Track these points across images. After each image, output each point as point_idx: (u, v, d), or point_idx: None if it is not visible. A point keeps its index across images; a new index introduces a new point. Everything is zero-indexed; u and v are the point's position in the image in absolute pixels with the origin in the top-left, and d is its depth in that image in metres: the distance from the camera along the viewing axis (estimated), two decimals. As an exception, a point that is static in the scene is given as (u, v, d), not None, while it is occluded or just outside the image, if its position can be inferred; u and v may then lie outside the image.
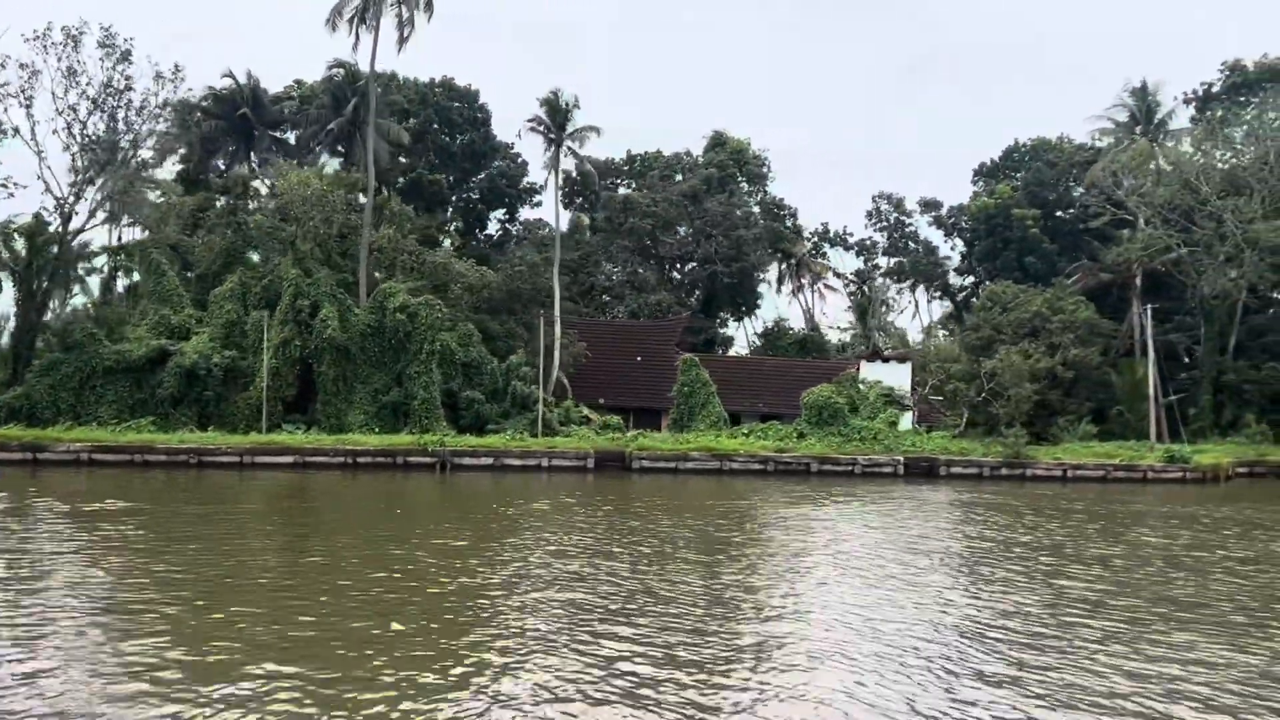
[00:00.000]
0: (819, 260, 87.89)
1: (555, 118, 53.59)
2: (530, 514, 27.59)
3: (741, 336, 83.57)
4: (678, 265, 71.48)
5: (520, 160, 78.59)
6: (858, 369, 56.40)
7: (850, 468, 44.67)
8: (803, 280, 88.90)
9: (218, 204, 52.91)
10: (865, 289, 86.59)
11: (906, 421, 52.15)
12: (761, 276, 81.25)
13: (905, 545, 22.82)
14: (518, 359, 48.25)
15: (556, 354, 51.51)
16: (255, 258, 53.08)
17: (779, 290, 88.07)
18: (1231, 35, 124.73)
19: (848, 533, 24.99)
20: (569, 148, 54.55)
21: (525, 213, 78.50)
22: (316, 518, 27.09)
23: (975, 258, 72.47)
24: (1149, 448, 49.11)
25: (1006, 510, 31.51)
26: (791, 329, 77.24)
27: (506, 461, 42.37)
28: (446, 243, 68.49)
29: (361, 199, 51.65)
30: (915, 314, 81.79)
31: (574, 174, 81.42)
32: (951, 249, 77.17)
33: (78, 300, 56.29)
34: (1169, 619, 15.56)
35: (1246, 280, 56.89)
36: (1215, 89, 64.81)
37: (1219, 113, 62.16)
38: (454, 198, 73.40)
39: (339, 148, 64.01)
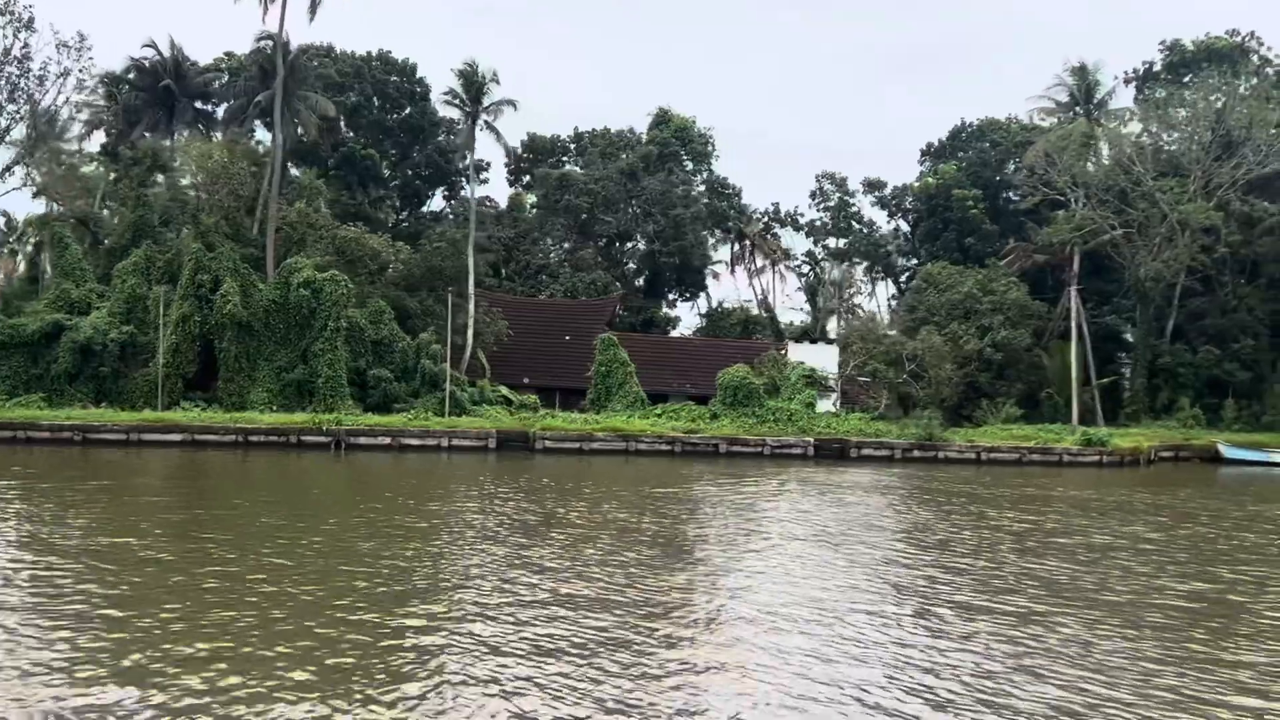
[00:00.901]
0: (771, 241, 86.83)
1: (470, 90, 52.28)
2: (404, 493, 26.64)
3: (694, 318, 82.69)
4: (616, 244, 70.33)
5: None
6: (785, 350, 55.62)
7: (760, 449, 43.88)
8: (756, 261, 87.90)
9: (128, 176, 51.44)
10: (817, 270, 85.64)
11: (831, 404, 51.38)
12: (710, 257, 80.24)
13: (740, 511, 21.94)
14: (427, 337, 47.18)
15: (470, 332, 50.46)
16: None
17: (733, 271, 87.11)
18: (1173, 13, 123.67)
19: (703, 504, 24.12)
20: (485, 122, 53.24)
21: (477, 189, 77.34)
22: (159, 496, 26.06)
23: (918, 239, 71.59)
24: (1070, 431, 48.37)
25: (886, 492, 30.69)
26: (735, 310, 76.09)
27: (405, 441, 41.40)
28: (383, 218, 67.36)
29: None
30: (870, 295, 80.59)
31: (520, 150, 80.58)
32: (896, 230, 76.15)
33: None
34: (968, 607, 14.60)
35: (1180, 263, 56.09)
36: (1155, 68, 63.82)
37: (1160, 92, 61.25)
38: (392, 174, 72.00)
39: (268, 121, 62.55)
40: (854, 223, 76.11)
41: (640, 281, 76.98)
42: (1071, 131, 56.92)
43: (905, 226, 75.39)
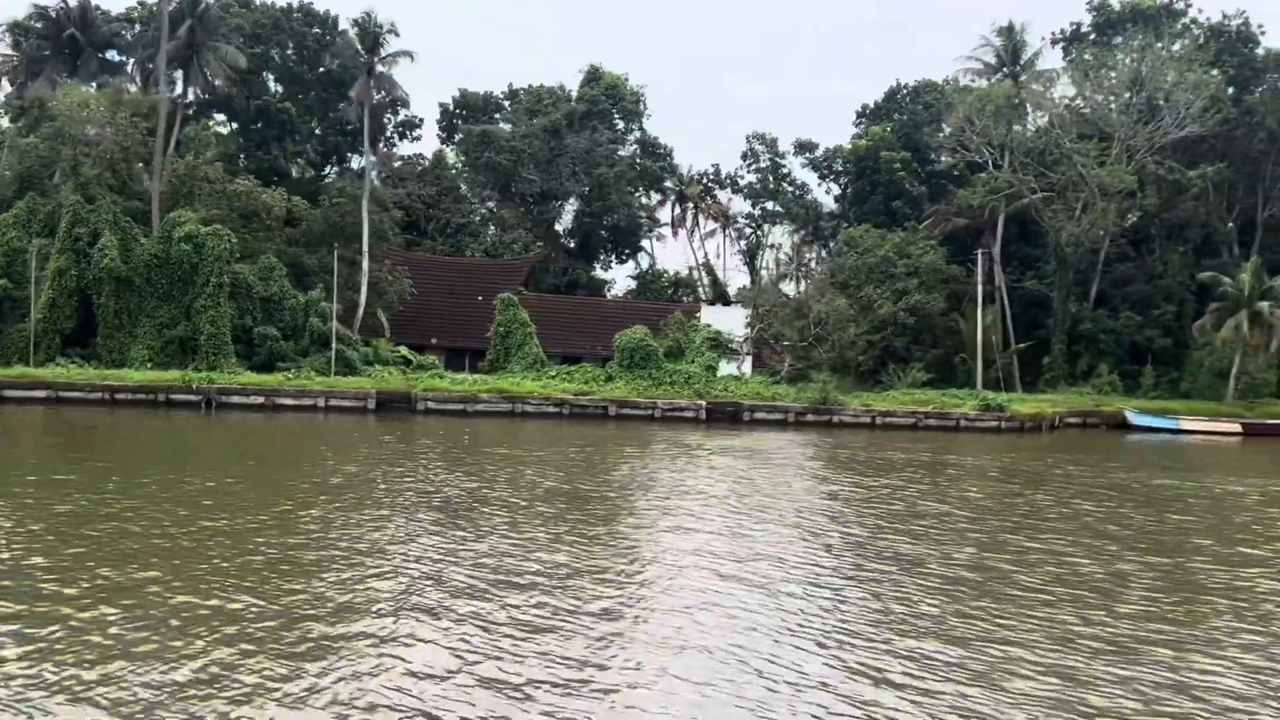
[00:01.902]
0: (713, 203, 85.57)
1: (365, 41, 50.56)
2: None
3: (631, 281, 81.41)
4: (542, 204, 68.94)
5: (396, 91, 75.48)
6: (699, 313, 54.68)
7: (650, 412, 42.96)
8: (699, 223, 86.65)
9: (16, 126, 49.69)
10: (758, 234, 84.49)
11: (738, 367, 50.48)
12: (642, 218, 78.95)
13: (589, 472, 20.93)
14: (316, 294, 45.86)
15: (363, 290, 49.19)
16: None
17: (675, 234, 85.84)
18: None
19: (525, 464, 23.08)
20: (380, 73, 51.50)
21: (406, 147, 75.70)
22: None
23: (847, 202, 70.47)
24: (974, 396, 47.62)
25: (749, 456, 29.76)
26: (665, 273, 74.98)
27: (280, 401, 40.22)
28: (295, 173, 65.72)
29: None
30: (813, 259, 79.49)
31: (453, 107, 78.79)
32: (826, 192, 75.25)
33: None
34: (713, 570, 13.59)
35: (1097, 227, 55.22)
36: (1084, 29, 62.59)
37: (1087, 54, 60.05)
38: (315, 129, 70.14)
39: (175, 72, 60.69)
40: (785, 185, 74.74)
41: (572, 243, 75.73)
42: (991, 93, 55.75)
43: (836, 189, 74.19)
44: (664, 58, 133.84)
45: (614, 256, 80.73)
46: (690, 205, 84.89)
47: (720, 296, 66.00)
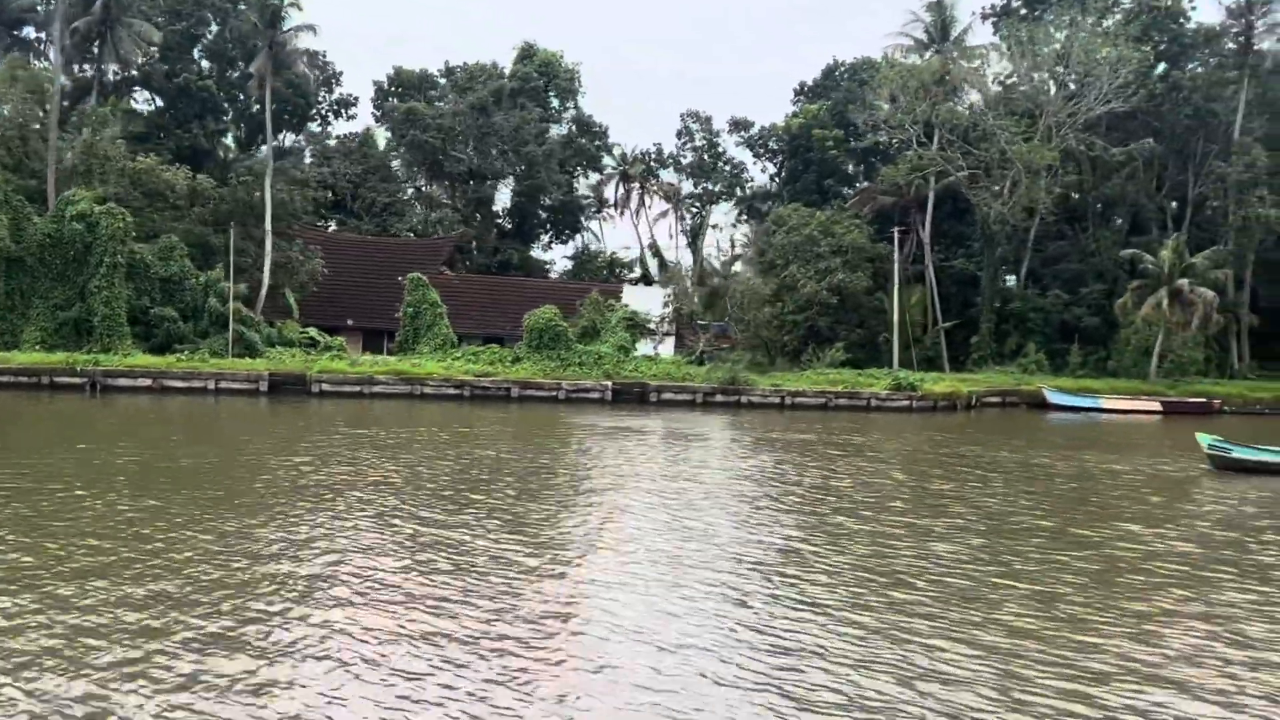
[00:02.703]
0: (657, 183, 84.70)
1: (264, 16, 49.20)
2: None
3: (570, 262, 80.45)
4: (473, 183, 67.79)
5: (330, 70, 74.16)
6: (621, 292, 53.91)
7: (555, 393, 42.11)
8: (645, 203, 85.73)
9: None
10: (703, 214, 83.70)
11: (654, 348, 49.70)
12: (581, 198, 78.06)
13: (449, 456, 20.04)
14: (215, 274, 44.67)
15: (266, 270, 47.97)
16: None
17: (621, 214, 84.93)
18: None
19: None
20: (280, 46, 50.12)
21: (342, 126, 74.58)
22: None
23: (782, 180, 69.74)
24: (888, 375, 47.04)
25: (629, 436, 28.95)
26: (603, 253, 74.12)
27: (168, 383, 39.09)
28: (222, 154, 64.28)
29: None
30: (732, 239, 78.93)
31: (388, 85, 77.42)
32: (762, 171, 74.55)
33: None
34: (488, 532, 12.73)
35: (1020, 204, 54.68)
36: (1014, 3, 61.85)
37: (1018, 30, 59.23)
38: (247, 107, 68.57)
39: (91, 49, 59.11)
40: (721, 164, 73.95)
41: (509, 224, 74.77)
42: (914, 70, 55.02)
43: (772, 168, 73.47)
44: (600, 39, 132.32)
45: (554, 237, 79.92)
46: (636, 185, 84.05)
47: (644, 277, 65.23)
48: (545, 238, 79.80)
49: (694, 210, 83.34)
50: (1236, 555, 14.51)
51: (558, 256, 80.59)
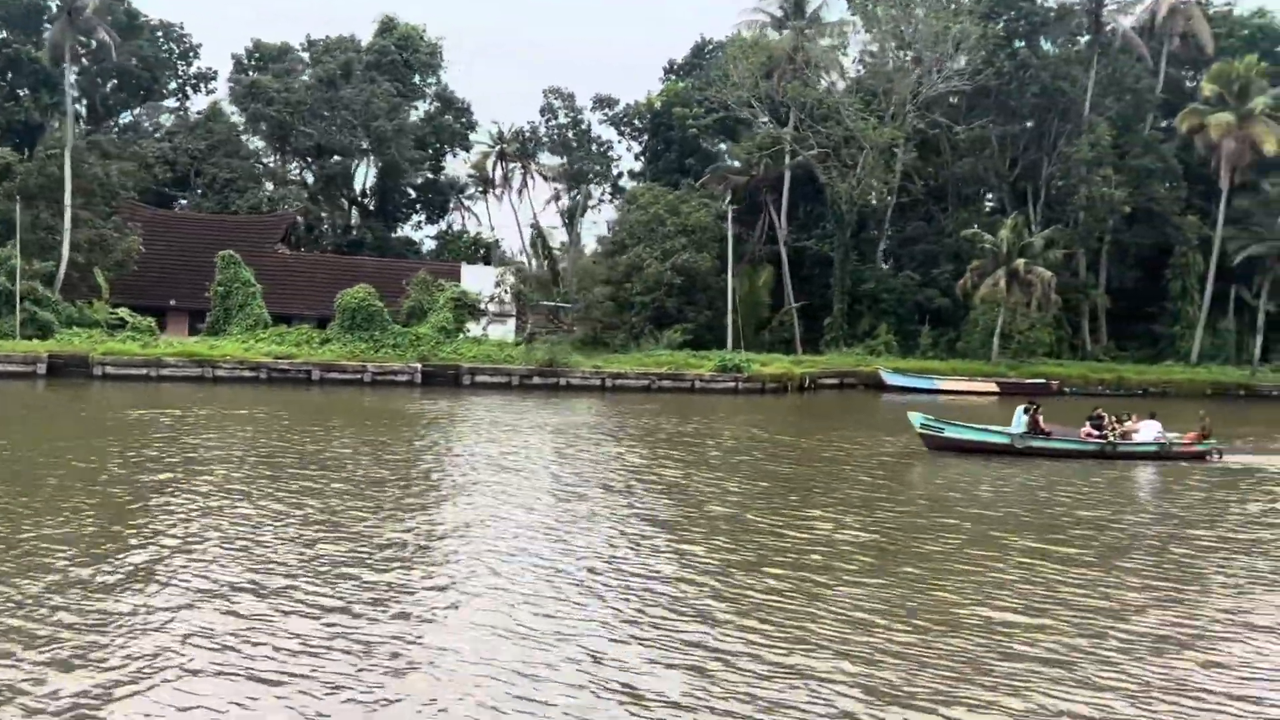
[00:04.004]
0: (533, 161, 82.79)
1: (68, -15, 46.36)
2: None
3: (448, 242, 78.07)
4: (326, 159, 65.37)
5: (187, 43, 71.10)
6: (458, 273, 52.26)
7: (360, 376, 40.34)
8: (526, 183, 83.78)
9: None
10: (579, 193, 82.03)
11: (483, 329, 48.11)
12: (445, 177, 76.01)
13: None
14: (4, 252, 41.97)
15: (65, 247, 45.33)
16: None
17: (500, 195, 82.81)
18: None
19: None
20: (79, 13, 47.26)
21: (201, 100, 71.12)
22: None
23: (646, 159, 68.42)
24: (724, 357, 46.07)
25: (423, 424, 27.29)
26: (466, 233, 72.19)
27: (-70, 367, 36.50)
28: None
29: None
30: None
31: (246, 58, 74.35)
32: (627, 149, 73.12)
33: None
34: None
35: (868, 184, 54.02)
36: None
37: (873, 6, 58.40)
38: (83, 81, 65.20)
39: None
40: (587, 143, 72.48)
41: (372, 203, 72.43)
42: (764, 45, 53.98)
43: (638, 147, 72.05)
44: (472, 13, 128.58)
45: (426, 218, 77.82)
46: (518, 165, 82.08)
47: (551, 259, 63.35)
48: (416, 218, 77.60)
49: (572, 191, 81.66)
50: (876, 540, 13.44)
51: (433, 237, 78.39)
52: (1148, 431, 23.72)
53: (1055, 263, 52.70)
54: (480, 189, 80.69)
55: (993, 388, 48.01)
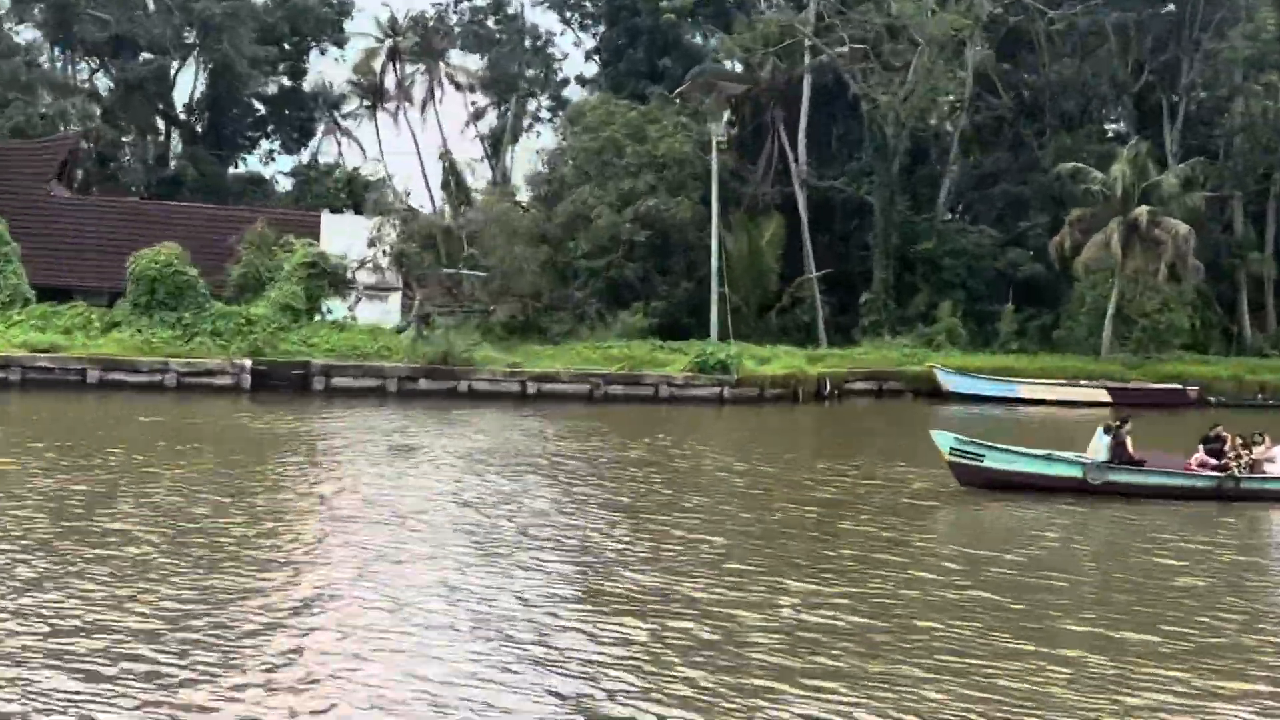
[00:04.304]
0: (441, 63, 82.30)
1: None
2: None
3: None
4: (118, 56, 64.72)
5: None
6: (316, 225, 51.67)
7: (159, 378, 39.66)
8: (432, 94, 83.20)
9: None
10: (507, 108, 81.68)
11: (349, 307, 47.41)
12: (322, 86, 75.54)
13: None
14: None
15: None
16: None
17: (396, 112, 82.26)
18: None
19: None
20: None
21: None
22: None
23: (601, 59, 68.20)
24: (705, 349, 45.72)
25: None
26: (339, 166, 71.73)
27: None
28: None
29: None
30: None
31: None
32: (576, 45, 73.06)
33: None
34: None
35: (922, 95, 53.69)
36: None
37: None
38: None
39: None
40: (516, 34, 72.39)
41: (200, 123, 71.93)
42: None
43: (591, 42, 72.03)
44: None
45: (278, 144, 77.40)
46: (418, 68, 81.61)
47: (466, 201, 62.81)
48: (268, 145, 77.25)
49: (500, 107, 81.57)
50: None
51: (292, 173, 77.82)
52: None
53: (1197, 212, 52.52)
54: (365, 103, 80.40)
55: (1102, 395, 47.91)
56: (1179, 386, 48.93)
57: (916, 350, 52.43)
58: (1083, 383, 49.00)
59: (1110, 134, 61.40)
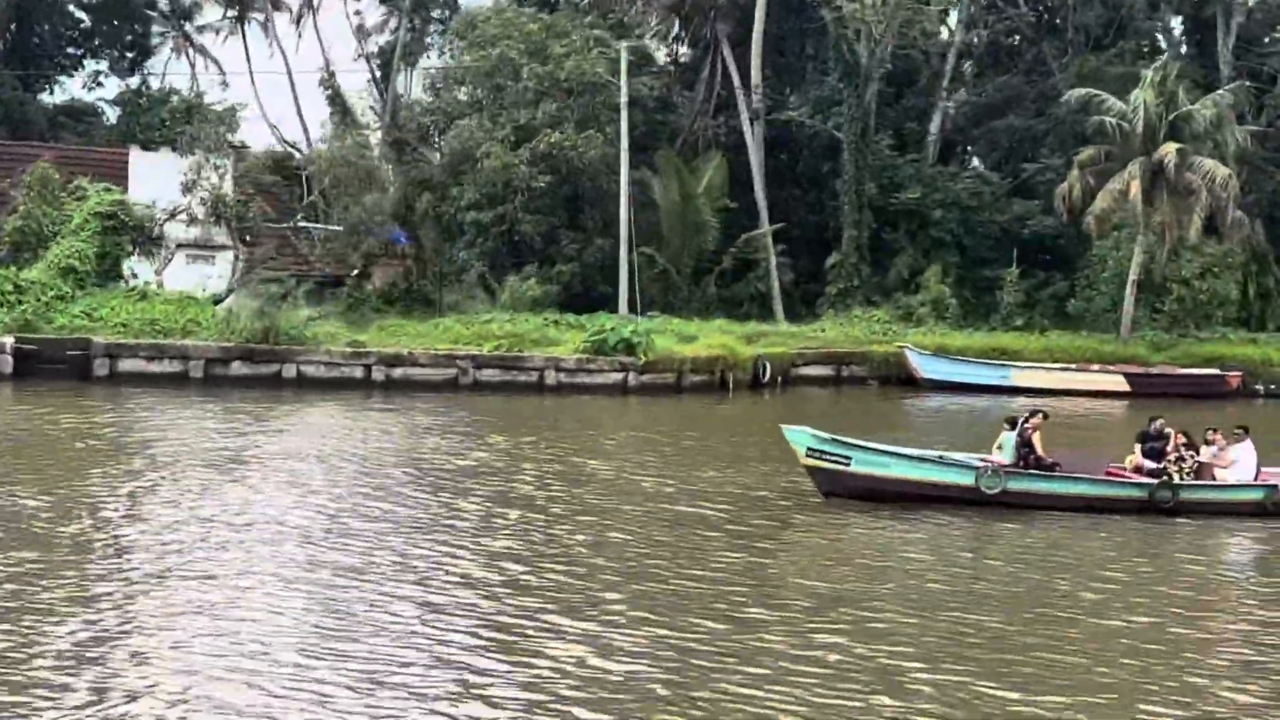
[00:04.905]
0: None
1: None
2: None
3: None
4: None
5: None
6: (121, 165, 51.01)
7: None
8: (310, 5, 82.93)
9: None
10: (409, 22, 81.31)
11: (153, 269, 46.74)
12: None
13: None
14: None
15: None
16: None
17: (268, 29, 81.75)
18: None
19: None
20: None
21: None
22: None
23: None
24: (614, 323, 45.18)
25: None
26: (177, 94, 71.07)
27: None
28: None
29: None
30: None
31: None
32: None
33: None
34: None
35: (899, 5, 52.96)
36: None
37: None
38: None
39: None
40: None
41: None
42: None
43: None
44: None
45: (106, 65, 77.05)
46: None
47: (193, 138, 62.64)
48: (94, 66, 76.67)
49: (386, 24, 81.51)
50: None
51: (119, 100, 77.26)
52: (1242, 464, 22.99)
53: (1246, 153, 51.72)
54: (229, 13, 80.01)
55: (1118, 384, 47.35)
56: (1217, 372, 48.16)
57: (890, 326, 51.78)
58: (1095, 368, 48.35)
59: (1139, 51, 60.38)
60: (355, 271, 51.90)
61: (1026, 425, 23.01)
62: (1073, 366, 48.55)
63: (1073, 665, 14.07)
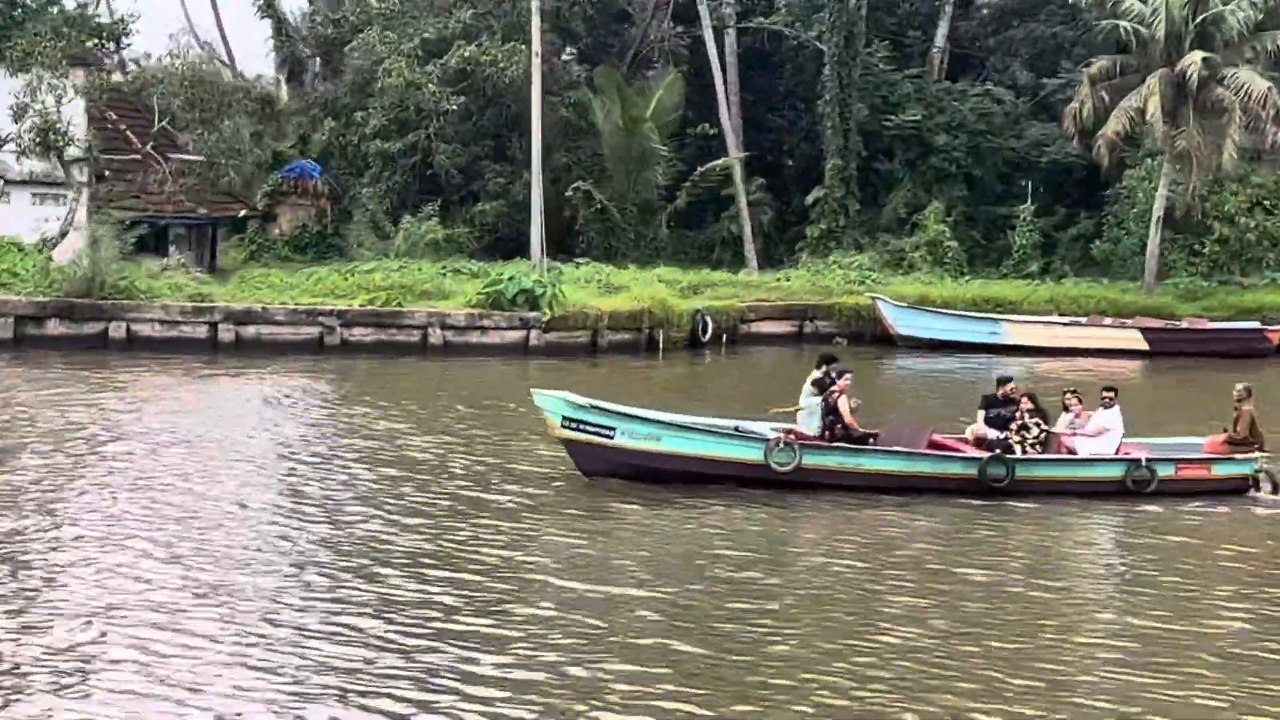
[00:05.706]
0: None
1: None
2: None
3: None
4: None
5: None
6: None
7: None
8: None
9: None
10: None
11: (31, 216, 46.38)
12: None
13: None
14: None
15: None
16: None
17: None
18: None
19: None
20: None
21: None
22: None
23: None
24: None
25: None
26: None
27: None
28: None
29: None
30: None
31: None
32: None
33: None
34: None
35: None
36: None
37: None
38: None
39: None
40: None
41: None
42: None
43: None
44: None
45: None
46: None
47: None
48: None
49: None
50: None
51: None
52: (1109, 435, 22.57)
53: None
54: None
55: (1134, 339, 46.37)
56: (1255, 325, 47.17)
57: (870, 274, 50.79)
58: (1107, 322, 47.35)
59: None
60: (243, 214, 51.30)
61: (833, 388, 22.03)
62: (1081, 320, 47.54)
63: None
